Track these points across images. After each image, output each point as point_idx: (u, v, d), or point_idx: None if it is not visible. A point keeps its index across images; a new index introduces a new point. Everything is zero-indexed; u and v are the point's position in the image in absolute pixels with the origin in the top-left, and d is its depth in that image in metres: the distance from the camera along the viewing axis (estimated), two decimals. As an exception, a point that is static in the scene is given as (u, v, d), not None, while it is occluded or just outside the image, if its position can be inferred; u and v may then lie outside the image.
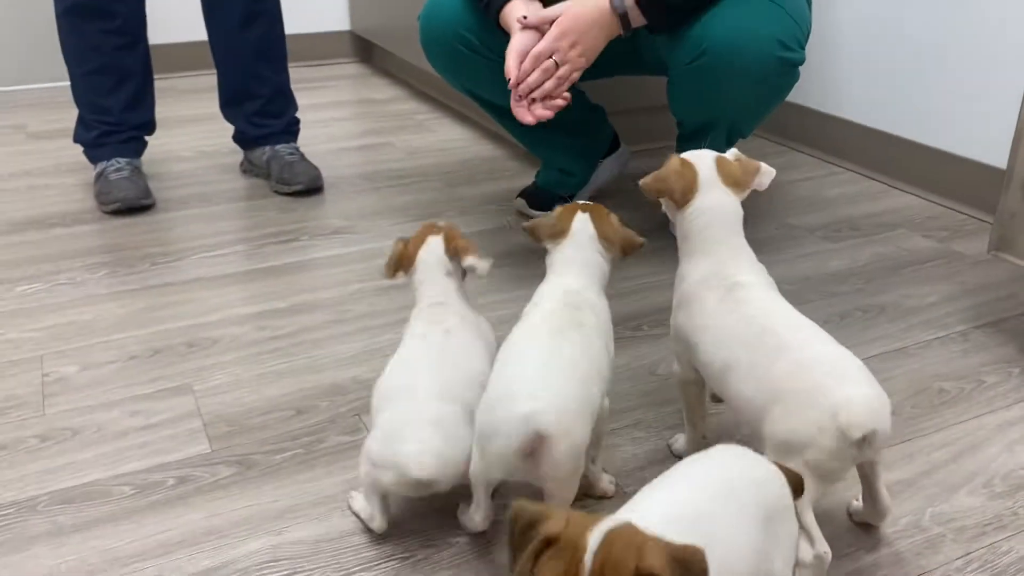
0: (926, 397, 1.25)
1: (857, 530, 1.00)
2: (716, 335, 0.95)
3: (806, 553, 0.86)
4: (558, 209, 1.07)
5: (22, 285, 1.58)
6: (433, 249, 1.08)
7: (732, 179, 1.01)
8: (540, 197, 1.85)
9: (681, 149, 1.66)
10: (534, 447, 0.85)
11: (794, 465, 0.85)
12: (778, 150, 2.31)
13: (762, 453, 0.83)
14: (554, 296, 1.00)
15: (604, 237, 1.03)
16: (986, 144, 1.83)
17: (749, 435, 1.13)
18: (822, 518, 1.01)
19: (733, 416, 1.18)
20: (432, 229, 1.10)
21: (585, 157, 1.87)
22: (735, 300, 0.95)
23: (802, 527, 0.86)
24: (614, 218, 1.06)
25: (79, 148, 2.00)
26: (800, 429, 0.86)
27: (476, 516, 0.96)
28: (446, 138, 2.46)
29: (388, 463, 0.92)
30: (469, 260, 1.07)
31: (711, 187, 1.01)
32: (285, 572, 0.94)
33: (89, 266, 1.66)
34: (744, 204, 1.03)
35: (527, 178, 1.98)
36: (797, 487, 0.81)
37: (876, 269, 1.64)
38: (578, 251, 1.03)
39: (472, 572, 0.94)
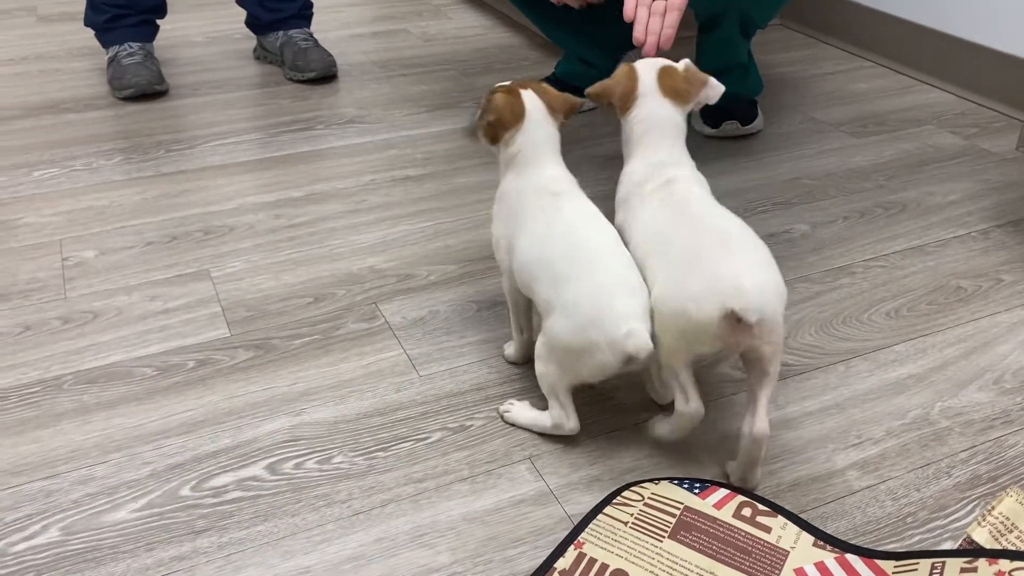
0: (942, 294, 1.24)
1: (865, 421, 1.01)
2: (644, 228, 0.98)
3: (681, 406, 0.91)
4: (499, 94, 1.03)
5: (39, 170, 1.58)
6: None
7: (672, 90, 1.04)
8: (559, 89, 1.80)
9: (700, 40, 1.62)
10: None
11: (671, 335, 0.89)
12: (805, 42, 2.24)
13: None
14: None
15: (551, 107, 1.03)
16: (1021, 36, 1.77)
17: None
18: (832, 410, 1.02)
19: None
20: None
21: (608, 49, 1.80)
22: (666, 194, 0.99)
23: (679, 384, 0.91)
24: (546, 86, 1.05)
25: (90, 32, 1.96)
26: (678, 301, 0.88)
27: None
28: (463, 25, 2.39)
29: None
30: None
31: (650, 97, 1.04)
32: (304, 451, 0.97)
33: (104, 152, 1.65)
34: (769, 97, 1.01)
35: (546, 68, 1.93)
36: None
37: (900, 166, 1.61)
38: (539, 128, 1.02)
39: (485, 454, 0.97)
